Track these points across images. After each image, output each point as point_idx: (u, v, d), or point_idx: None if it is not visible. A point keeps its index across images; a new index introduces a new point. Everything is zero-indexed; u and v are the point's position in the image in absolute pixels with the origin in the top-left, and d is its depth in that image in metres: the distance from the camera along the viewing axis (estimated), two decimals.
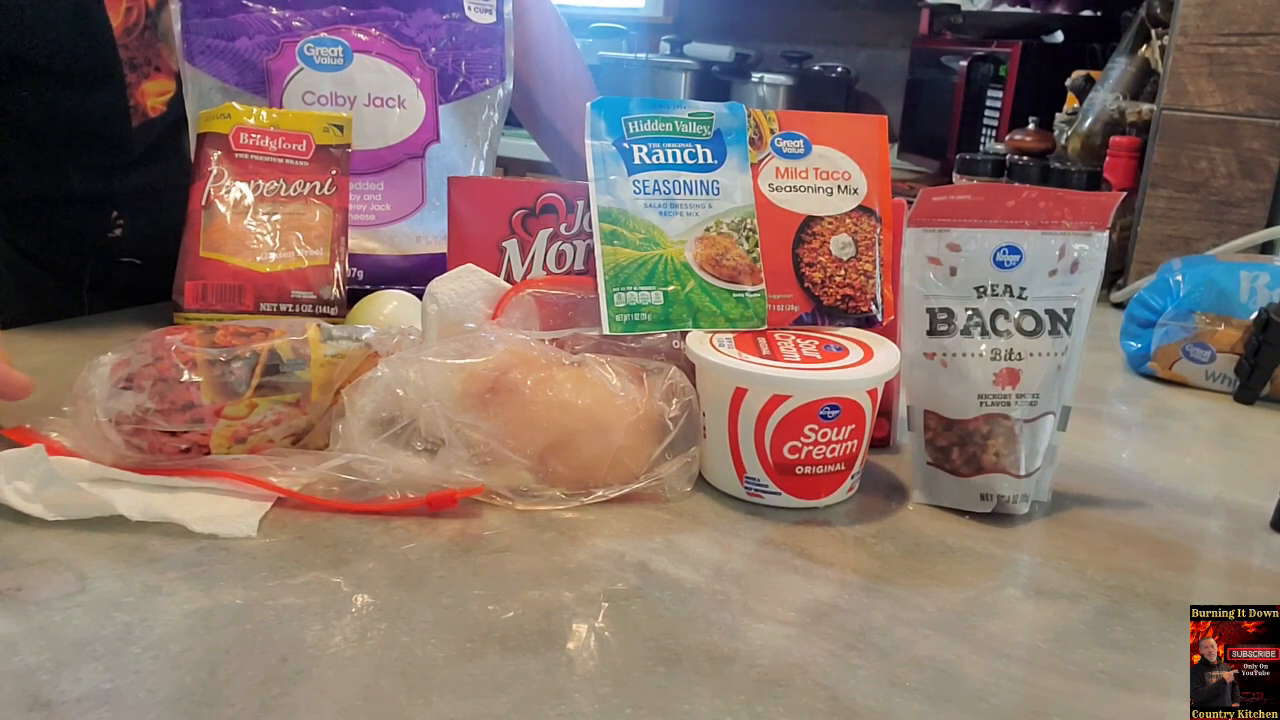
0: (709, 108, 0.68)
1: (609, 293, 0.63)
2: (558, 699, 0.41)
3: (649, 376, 0.60)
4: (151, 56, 0.89)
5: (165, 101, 0.92)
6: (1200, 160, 1.13)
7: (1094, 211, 0.60)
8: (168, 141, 0.94)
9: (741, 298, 0.65)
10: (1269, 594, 0.54)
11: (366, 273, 0.86)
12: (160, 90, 0.91)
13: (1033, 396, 0.59)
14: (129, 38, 0.87)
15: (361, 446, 0.56)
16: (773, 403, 0.57)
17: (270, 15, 0.84)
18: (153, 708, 0.40)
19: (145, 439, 0.56)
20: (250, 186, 0.78)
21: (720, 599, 0.50)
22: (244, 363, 0.57)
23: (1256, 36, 1.08)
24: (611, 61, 2.73)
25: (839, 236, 0.67)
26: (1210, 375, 0.87)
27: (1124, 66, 1.33)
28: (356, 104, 0.85)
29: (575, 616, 0.47)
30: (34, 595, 0.46)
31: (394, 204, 0.87)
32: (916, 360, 0.61)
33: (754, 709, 0.41)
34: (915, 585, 0.52)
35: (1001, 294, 0.60)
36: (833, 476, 0.59)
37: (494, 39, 0.92)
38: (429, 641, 0.45)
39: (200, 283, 0.76)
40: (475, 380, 0.58)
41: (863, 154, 0.68)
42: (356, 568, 0.50)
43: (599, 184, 0.65)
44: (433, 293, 0.62)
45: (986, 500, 0.60)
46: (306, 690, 0.41)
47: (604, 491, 0.58)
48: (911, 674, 0.45)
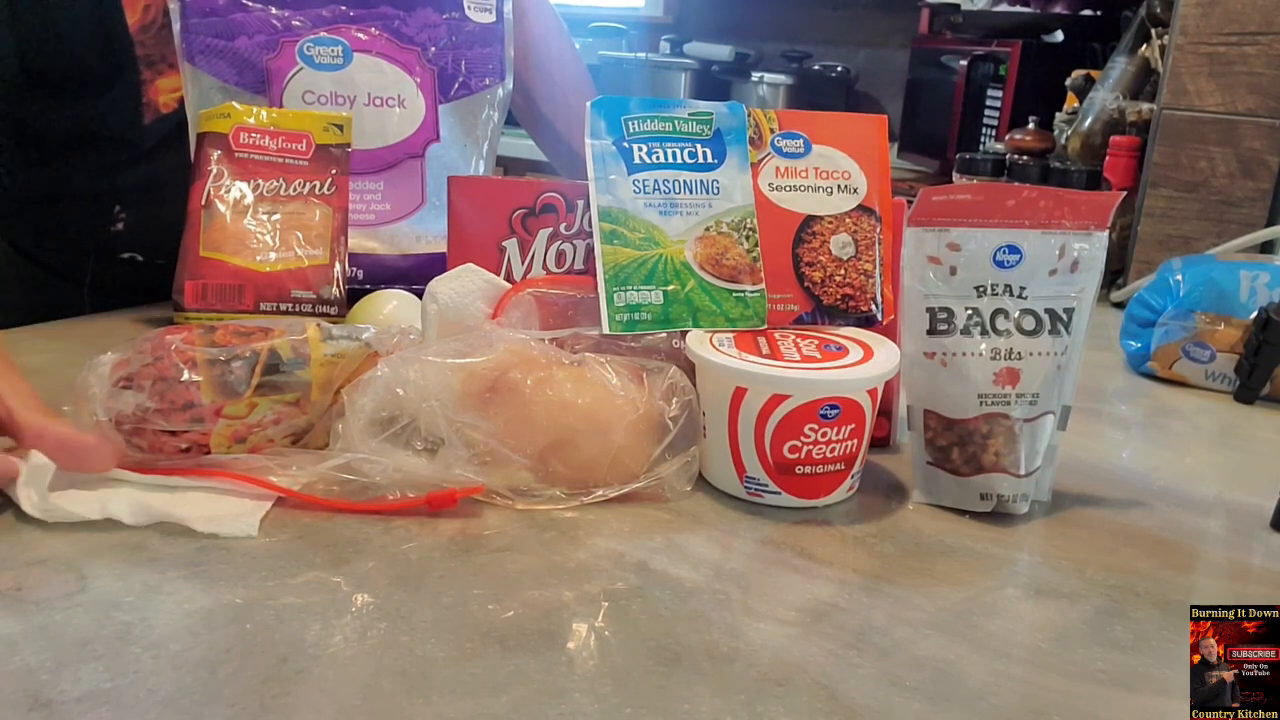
0: (709, 107, 0.68)
1: (609, 292, 0.63)
2: (558, 699, 0.41)
3: (649, 376, 0.60)
4: (167, 54, 0.89)
5: (177, 98, 0.92)
6: (1200, 160, 1.13)
7: (1094, 211, 0.60)
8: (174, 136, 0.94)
9: (741, 297, 0.65)
10: (1269, 594, 0.54)
11: (366, 272, 0.86)
12: (173, 87, 0.91)
13: (1033, 396, 0.59)
14: (146, 35, 0.87)
15: (361, 446, 0.56)
16: (773, 402, 0.57)
17: (270, 15, 0.84)
18: (153, 707, 0.40)
19: (145, 438, 0.56)
20: (250, 186, 0.78)
21: (720, 598, 0.50)
22: (244, 362, 0.57)
23: (1256, 36, 1.08)
24: (611, 61, 2.73)
25: (839, 236, 0.67)
26: (1210, 375, 0.87)
27: (1124, 66, 1.33)
28: (356, 103, 0.85)
29: (575, 616, 0.47)
30: (34, 595, 0.46)
31: (394, 203, 0.87)
32: (916, 360, 0.61)
33: (754, 708, 0.41)
34: (915, 585, 0.52)
35: (1001, 293, 0.60)
36: (833, 476, 0.59)
37: (494, 38, 0.92)
38: (429, 641, 0.45)
39: (200, 282, 0.76)
40: (475, 380, 0.58)
41: (863, 153, 0.68)
42: (356, 567, 0.50)
43: (599, 183, 0.65)
44: (432, 292, 0.62)
45: (986, 500, 0.60)
46: (306, 690, 0.41)
47: (604, 491, 0.58)
48: (911, 673, 0.45)
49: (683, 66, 2.64)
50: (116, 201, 0.94)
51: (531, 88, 1.04)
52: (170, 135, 0.94)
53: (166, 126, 0.93)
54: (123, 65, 0.87)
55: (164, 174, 0.94)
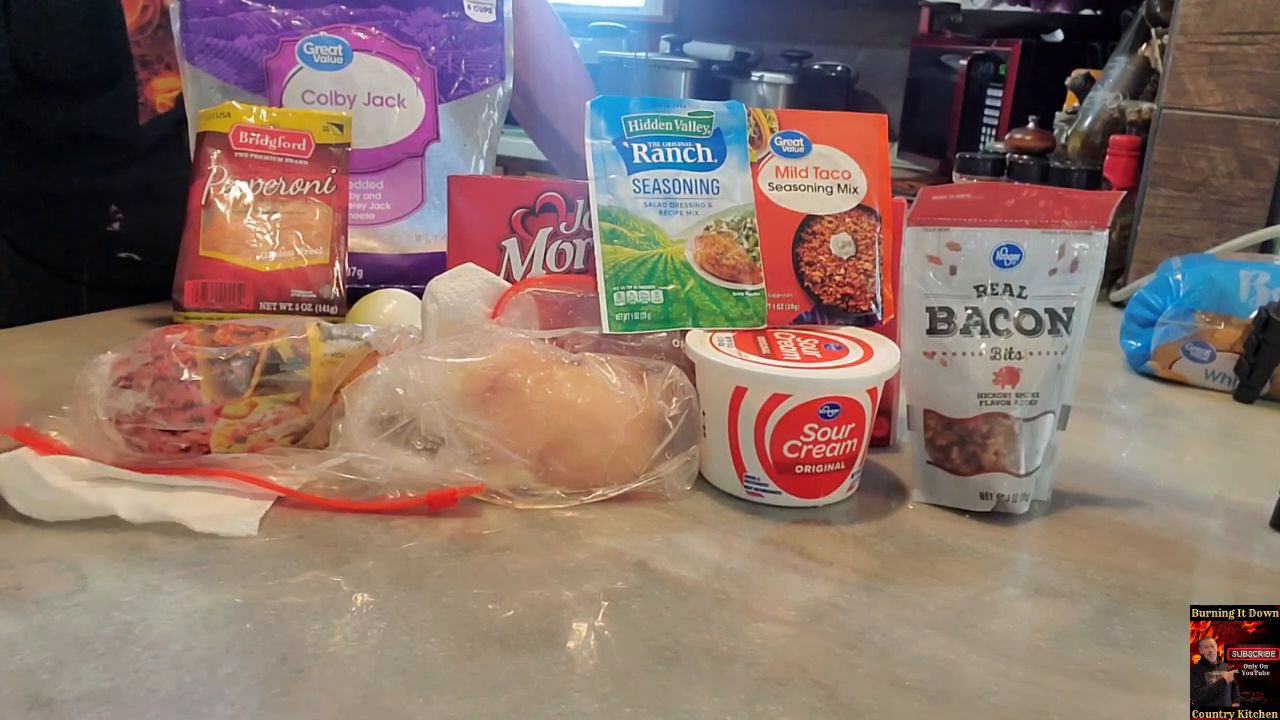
0: (709, 107, 0.68)
1: (609, 292, 0.63)
2: (557, 698, 0.41)
3: (649, 375, 0.60)
4: (164, 54, 0.89)
5: (173, 98, 0.92)
6: (1200, 159, 1.13)
7: (1094, 210, 0.60)
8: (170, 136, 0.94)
9: (741, 297, 0.65)
10: (1269, 593, 0.54)
11: (366, 272, 0.86)
12: (169, 87, 0.91)
13: (1032, 395, 0.59)
14: (143, 35, 0.88)
15: (361, 445, 0.56)
16: (772, 402, 0.57)
17: (270, 14, 0.84)
18: (152, 707, 0.40)
19: (145, 438, 0.56)
20: (250, 185, 0.78)
21: (720, 598, 0.50)
22: (244, 362, 0.57)
23: (1256, 35, 1.08)
24: (611, 60, 2.73)
25: (839, 235, 0.67)
26: (1210, 374, 0.87)
27: (1124, 65, 1.33)
28: (356, 103, 0.85)
29: (575, 615, 0.47)
30: (34, 594, 0.46)
31: (394, 203, 0.87)
32: (916, 359, 0.61)
33: (754, 708, 0.41)
34: (915, 584, 0.52)
35: (1001, 293, 0.60)
36: (832, 475, 0.59)
37: (494, 38, 0.92)
38: (429, 640, 0.45)
39: (200, 281, 0.76)
40: (475, 379, 0.58)
41: (862, 153, 0.68)
42: (356, 567, 0.50)
43: (599, 183, 0.65)
44: (432, 292, 0.62)
45: (986, 499, 0.60)
46: (306, 689, 0.41)
47: (604, 490, 0.58)
48: (911, 673, 0.45)
49: (683, 66, 2.64)
50: (113, 201, 0.94)
51: (531, 88, 1.04)
52: (167, 135, 0.94)
53: (163, 127, 0.93)
54: (120, 66, 0.87)
55: (160, 175, 0.95)
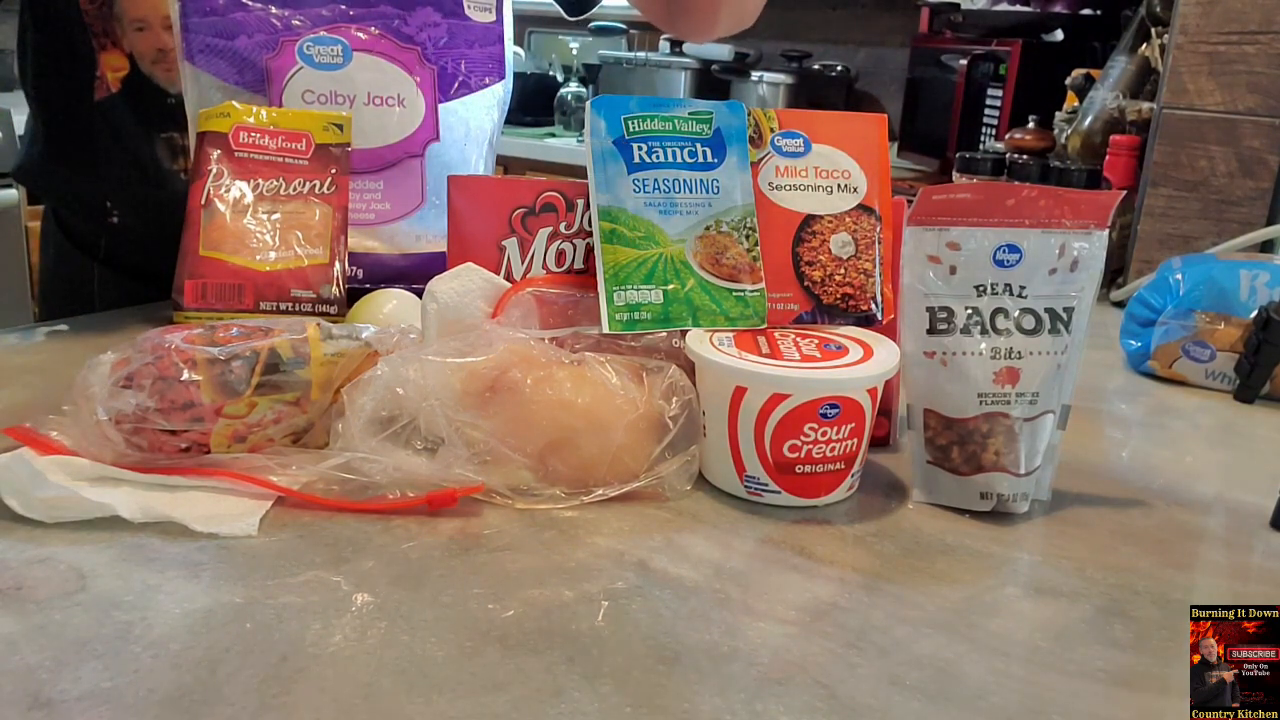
0: (709, 106, 0.68)
1: (609, 291, 0.63)
2: (557, 698, 0.41)
3: (649, 375, 0.60)
4: (109, 28, 0.92)
5: (120, 79, 0.94)
6: (1200, 159, 1.13)
7: (1094, 210, 0.60)
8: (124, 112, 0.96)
9: (741, 296, 0.65)
10: (1269, 593, 0.54)
11: (366, 271, 0.86)
12: (116, 66, 0.94)
13: (1032, 395, 0.59)
14: (91, 5, 0.91)
15: (361, 445, 0.56)
16: (772, 401, 0.57)
17: (270, 14, 0.84)
18: (152, 706, 0.40)
19: (145, 438, 0.56)
20: (250, 185, 0.78)
21: (720, 597, 0.50)
22: (244, 361, 0.57)
23: (1256, 35, 1.08)
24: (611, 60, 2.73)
25: (839, 235, 0.67)
26: (1210, 374, 0.87)
27: (1124, 65, 1.33)
28: (356, 103, 0.85)
29: (575, 615, 0.47)
30: (34, 594, 0.46)
31: (394, 203, 0.87)
32: (916, 359, 0.61)
33: (754, 707, 0.41)
34: (915, 584, 0.52)
35: (1001, 293, 0.60)
36: (832, 475, 0.59)
37: (493, 38, 0.92)
38: (429, 640, 0.45)
39: (200, 281, 0.76)
40: (475, 379, 0.58)
41: (862, 153, 0.68)
42: (356, 566, 0.50)
43: (599, 182, 0.65)
44: (432, 291, 0.62)
45: (986, 499, 0.60)
46: (306, 689, 0.41)
47: (604, 490, 0.58)
48: (911, 672, 0.45)
49: (682, 66, 2.64)
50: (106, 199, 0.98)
51: None
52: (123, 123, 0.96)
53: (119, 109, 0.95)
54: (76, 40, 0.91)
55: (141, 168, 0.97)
